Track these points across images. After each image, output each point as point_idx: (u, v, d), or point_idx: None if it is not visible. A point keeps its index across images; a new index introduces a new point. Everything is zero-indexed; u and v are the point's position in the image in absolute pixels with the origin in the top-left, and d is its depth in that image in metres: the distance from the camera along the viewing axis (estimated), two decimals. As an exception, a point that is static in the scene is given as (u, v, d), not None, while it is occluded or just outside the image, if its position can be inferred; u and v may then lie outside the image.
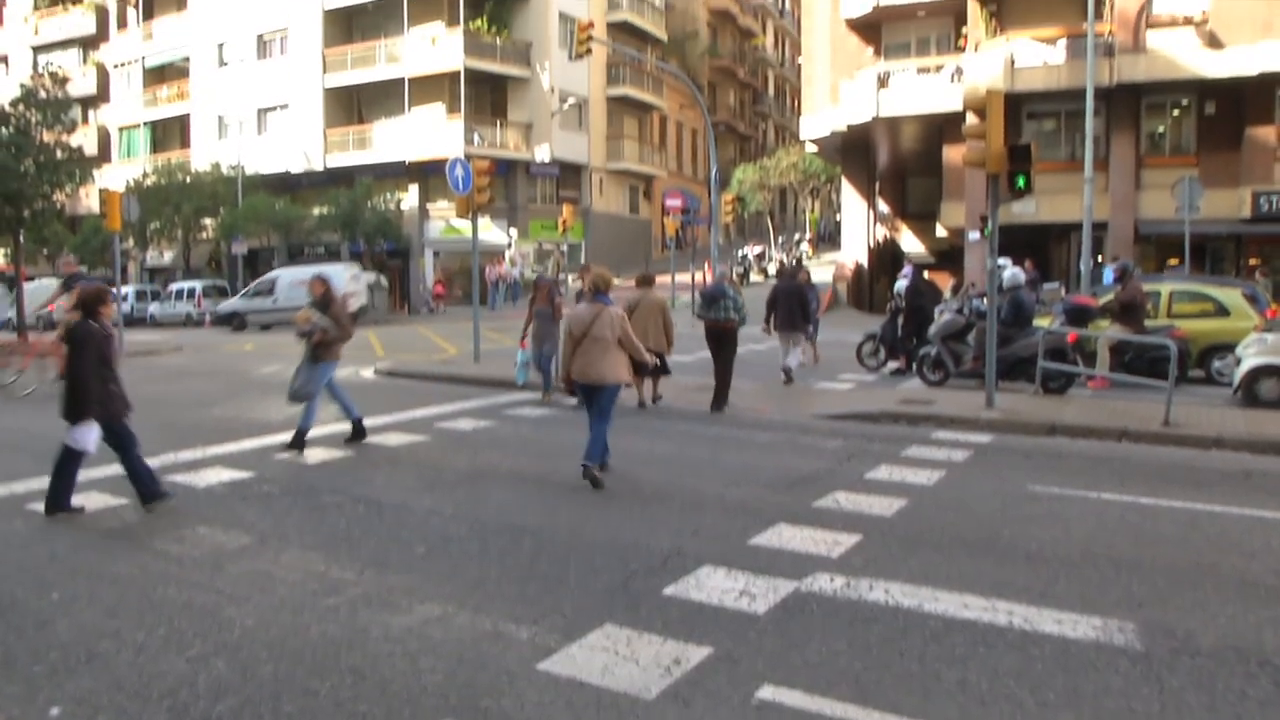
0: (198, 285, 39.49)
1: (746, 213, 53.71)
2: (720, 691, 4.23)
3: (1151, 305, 15.41)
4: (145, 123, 50.43)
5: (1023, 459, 9.57)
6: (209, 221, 43.06)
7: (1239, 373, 12.79)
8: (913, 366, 16.00)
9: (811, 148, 39.39)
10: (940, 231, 31.43)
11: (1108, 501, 7.71)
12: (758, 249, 48.83)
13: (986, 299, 13.03)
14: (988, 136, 11.75)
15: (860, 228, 35.05)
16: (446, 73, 40.03)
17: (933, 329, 15.24)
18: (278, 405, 13.63)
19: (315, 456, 9.76)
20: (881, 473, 8.73)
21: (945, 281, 25.47)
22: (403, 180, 41.63)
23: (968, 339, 14.76)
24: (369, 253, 41.17)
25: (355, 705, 4.15)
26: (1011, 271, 14.88)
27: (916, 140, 31.16)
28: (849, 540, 6.50)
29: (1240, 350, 13.10)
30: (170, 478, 8.74)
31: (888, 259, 34.61)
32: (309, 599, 5.51)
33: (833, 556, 6.17)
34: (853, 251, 35.39)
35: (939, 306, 16.35)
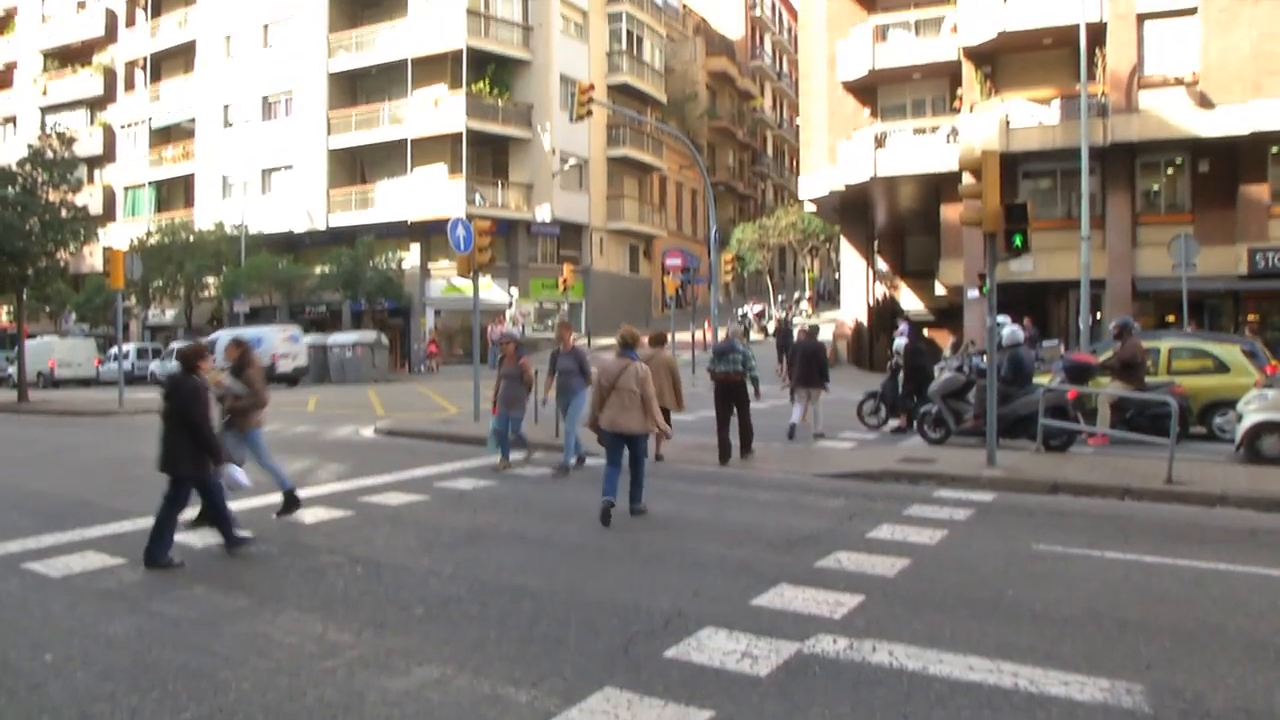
0: (198, 344, 39.56)
1: (746, 272, 54.08)
2: (722, 756, 4.15)
3: (1151, 362, 15.43)
4: (150, 182, 51.04)
5: (1025, 517, 9.51)
6: (212, 280, 43.35)
7: (1240, 429, 12.76)
8: (913, 424, 15.99)
9: (810, 207, 39.75)
10: (939, 289, 31.62)
11: (1112, 560, 7.65)
12: (757, 307, 49.05)
13: (986, 356, 13.06)
14: (984, 196, 11.86)
15: (860, 286, 35.24)
16: (449, 134, 40.59)
17: (933, 387, 15.24)
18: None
19: (314, 516, 9.70)
20: (884, 532, 8.67)
21: (945, 339, 25.60)
22: (404, 240, 42.01)
23: (968, 397, 14.75)
24: (370, 311, 41.39)
25: (351, 771, 4.08)
26: (1010, 329, 14.91)
27: (914, 199, 31.49)
28: (852, 601, 6.44)
29: (1241, 406, 13.08)
30: (168, 538, 8.69)
31: (887, 317, 34.74)
32: (306, 662, 5.44)
33: (835, 617, 6.11)
34: (852, 309, 35.53)
35: (939, 364, 16.38)
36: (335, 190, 43.50)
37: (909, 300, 35.84)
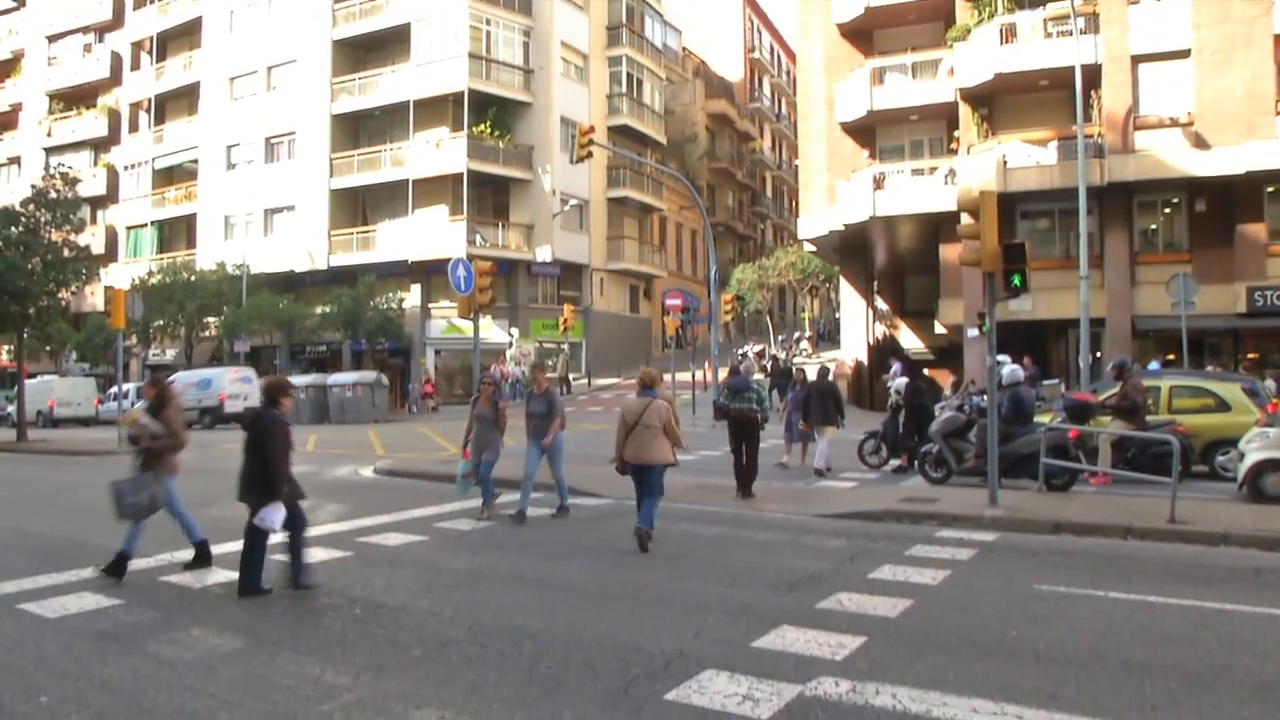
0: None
1: (746, 312, 54.18)
2: (724, 801, 4.09)
3: (1152, 400, 15.43)
4: (153, 222, 51.40)
5: (1028, 557, 9.45)
6: (212, 320, 43.46)
7: (1243, 467, 12.73)
8: (915, 464, 15.95)
9: (810, 247, 39.93)
10: (939, 328, 31.66)
11: (1116, 600, 7.59)
12: (757, 347, 49.09)
13: (986, 395, 13.05)
14: (982, 236, 11.91)
15: (859, 325, 35.32)
16: (450, 175, 40.90)
17: (934, 426, 15.23)
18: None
19: (313, 557, 9.61)
20: (885, 572, 8.62)
21: (945, 379, 25.58)
22: (405, 280, 42.18)
23: (969, 436, 14.72)
24: (370, 351, 41.44)
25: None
26: (1010, 368, 14.92)
27: (913, 239, 31.64)
28: (854, 642, 6.38)
29: (1243, 445, 13.05)
30: (166, 579, 8.65)
31: (887, 356, 34.76)
32: (302, 705, 5.39)
33: (837, 659, 6.05)
34: (852, 349, 35.57)
35: (939, 403, 16.39)
36: (337, 230, 43.75)
37: (909, 339, 35.87)
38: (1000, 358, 13.92)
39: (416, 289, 42.36)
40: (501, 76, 42.42)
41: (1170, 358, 24.59)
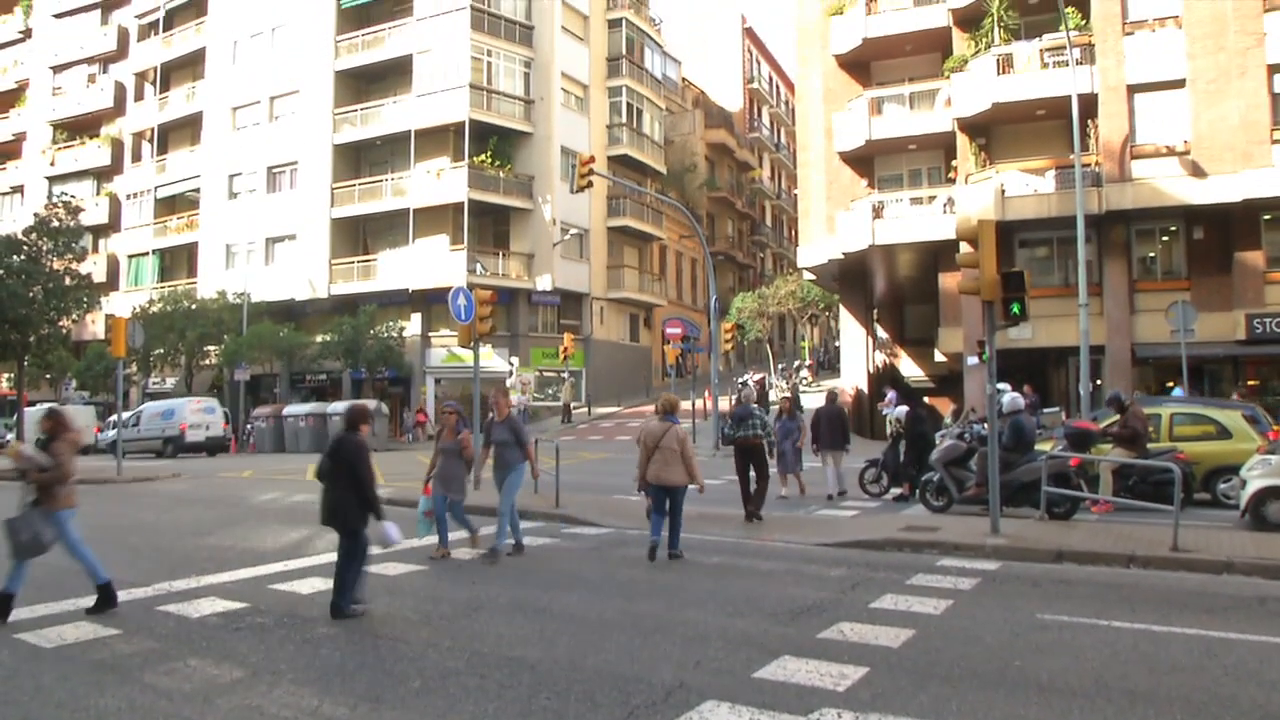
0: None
1: (746, 340, 54.23)
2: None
3: (1153, 428, 15.42)
4: (154, 251, 51.51)
5: (1030, 586, 9.40)
6: (213, 348, 43.49)
7: (1245, 495, 12.70)
8: (916, 493, 15.91)
9: (809, 276, 40.01)
10: (939, 357, 31.69)
11: (1119, 629, 7.54)
12: (757, 376, 49.08)
13: (987, 424, 13.04)
14: (981, 265, 11.94)
15: (859, 354, 35.32)
16: (451, 204, 41.04)
17: (935, 455, 15.19)
18: (274, 534, 13.51)
19: (311, 587, 9.59)
20: (887, 602, 8.57)
21: (946, 407, 25.58)
22: (406, 309, 42.25)
23: (970, 464, 14.69)
24: (370, 379, 41.44)
25: None
26: (1010, 396, 14.91)
27: (912, 267, 31.73)
28: (856, 673, 6.33)
29: (1245, 472, 13.02)
30: (163, 608, 8.60)
31: (887, 385, 34.78)
32: (300, 736, 5.34)
33: (839, 690, 6.00)
34: (852, 377, 35.54)
35: (940, 432, 16.39)
36: (338, 259, 43.85)
37: (909, 368, 35.91)
38: (1000, 385, 13.92)
39: (417, 318, 42.42)
40: (502, 107, 42.68)
41: (1170, 385, 24.59)
